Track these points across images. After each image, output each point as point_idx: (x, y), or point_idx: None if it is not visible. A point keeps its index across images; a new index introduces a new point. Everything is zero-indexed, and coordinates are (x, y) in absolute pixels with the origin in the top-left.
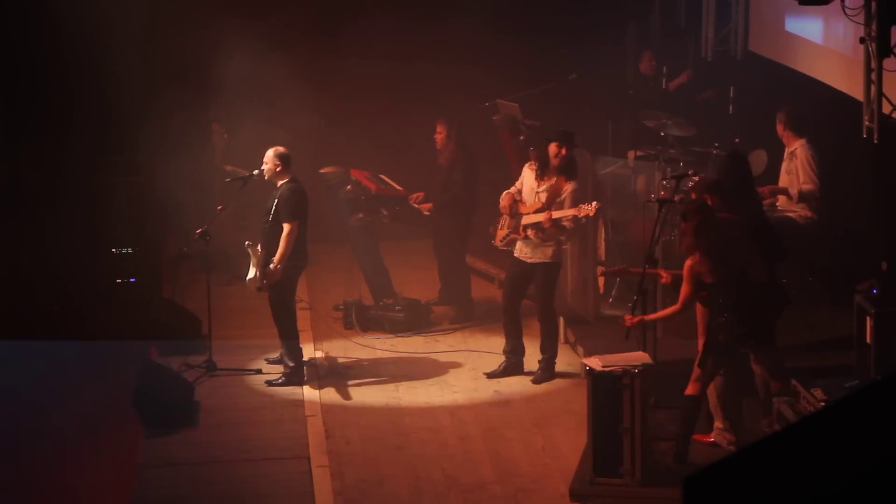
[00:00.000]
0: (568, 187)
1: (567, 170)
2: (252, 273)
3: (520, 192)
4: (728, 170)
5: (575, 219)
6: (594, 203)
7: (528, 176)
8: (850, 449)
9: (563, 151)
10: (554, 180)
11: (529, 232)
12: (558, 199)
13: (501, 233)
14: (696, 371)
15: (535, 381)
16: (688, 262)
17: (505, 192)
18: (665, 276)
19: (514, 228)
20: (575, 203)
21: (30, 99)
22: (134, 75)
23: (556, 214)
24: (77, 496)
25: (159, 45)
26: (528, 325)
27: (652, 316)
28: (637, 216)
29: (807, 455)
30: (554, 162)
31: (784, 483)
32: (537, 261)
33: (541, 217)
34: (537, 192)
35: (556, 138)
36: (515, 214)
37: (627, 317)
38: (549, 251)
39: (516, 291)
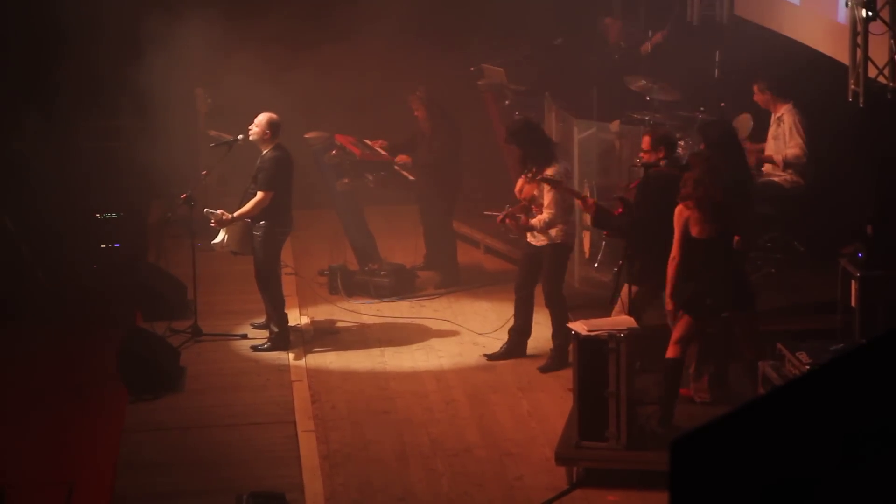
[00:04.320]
0: (549, 172)
1: (537, 161)
2: (220, 237)
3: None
4: (712, 139)
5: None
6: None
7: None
8: (836, 411)
9: (519, 153)
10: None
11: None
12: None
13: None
14: (676, 334)
15: (543, 370)
16: (678, 208)
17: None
18: (589, 201)
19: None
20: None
21: (12, 65)
22: (117, 40)
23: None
24: (62, 460)
25: (141, 10)
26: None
27: (669, 275)
28: (622, 180)
29: (793, 417)
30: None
31: (770, 445)
32: (543, 243)
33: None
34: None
35: (508, 140)
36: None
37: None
38: (554, 232)
39: (531, 272)
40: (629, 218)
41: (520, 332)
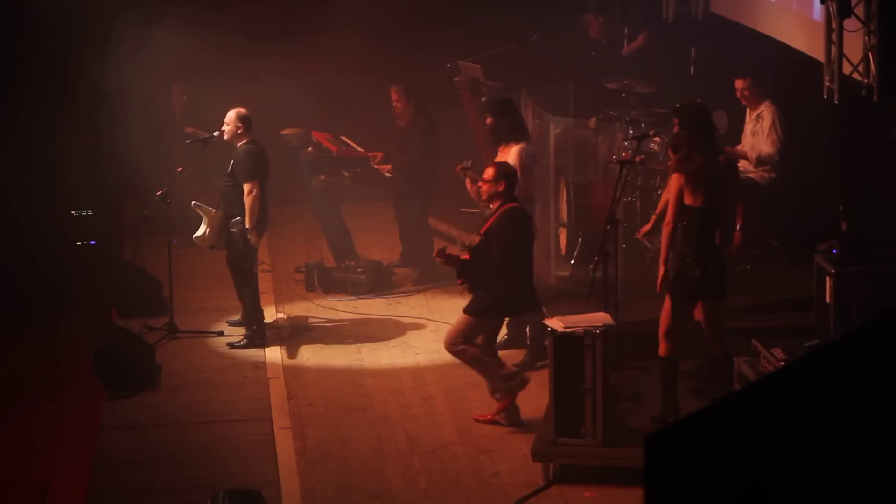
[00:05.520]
0: (514, 150)
1: (505, 135)
2: (201, 230)
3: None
4: (691, 121)
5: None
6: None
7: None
8: (810, 406)
9: (489, 120)
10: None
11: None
12: None
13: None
14: (661, 328)
15: (519, 367)
16: (673, 176)
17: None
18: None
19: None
20: (518, 162)
21: None
22: (91, 37)
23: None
24: (37, 458)
25: (116, 7)
26: None
27: (663, 242)
28: (598, 177)
29: (768, 413)
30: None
31: (745, 440)
32: None
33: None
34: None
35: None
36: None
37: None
38: None
39: None
40: (478, 263)
41: (516, 322)
